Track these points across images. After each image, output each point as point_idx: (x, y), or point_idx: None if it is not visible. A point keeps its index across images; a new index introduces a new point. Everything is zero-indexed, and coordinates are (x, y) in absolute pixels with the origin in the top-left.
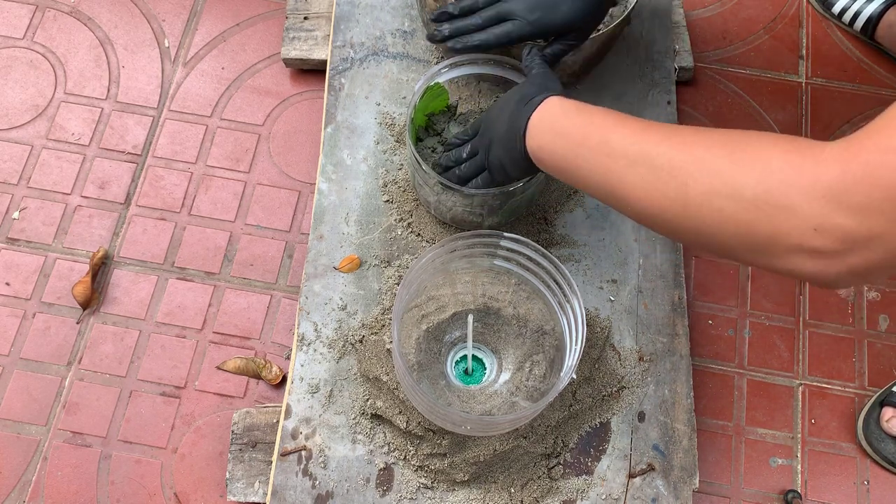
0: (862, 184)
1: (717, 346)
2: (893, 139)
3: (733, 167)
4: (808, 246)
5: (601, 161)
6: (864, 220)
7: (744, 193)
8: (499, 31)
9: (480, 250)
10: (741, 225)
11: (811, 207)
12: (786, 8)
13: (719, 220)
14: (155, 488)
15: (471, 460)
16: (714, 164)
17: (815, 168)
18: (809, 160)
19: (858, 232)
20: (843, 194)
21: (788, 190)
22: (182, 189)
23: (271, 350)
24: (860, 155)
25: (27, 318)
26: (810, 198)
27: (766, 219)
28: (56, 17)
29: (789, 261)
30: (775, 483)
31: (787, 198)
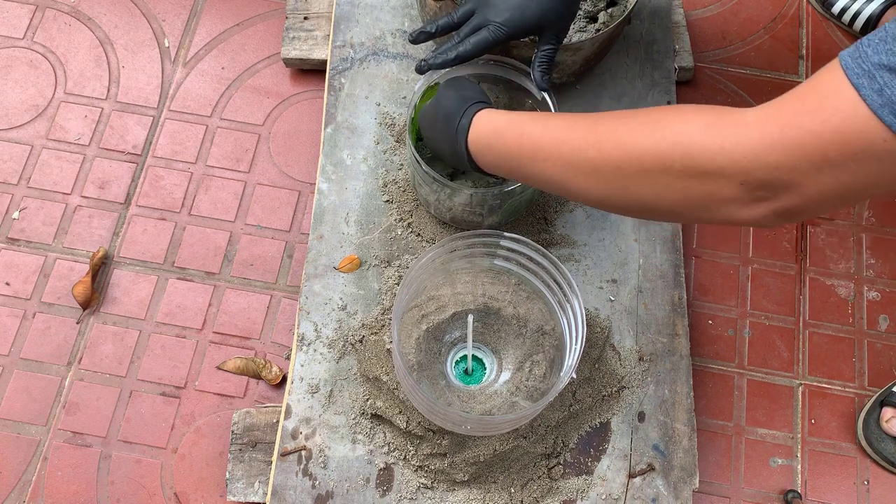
0: (778, 143)
1: (717, 346)
2: (807, 103)
3: (658, 145)
4: (738, 198)
5: (542, 167)
6: (783, 175)
7: (673, 166)
8: (475, 39)
9: (480, 250)
10: (677, 192)
11: (734, 167)
12: (786, 8)
13: (658, 192)
14: (155, 488)
15: (471, 460)
16: (639, 145)
17: (735, 132)
18: (730, 126)
19: (779, 184)
20: (762, 153)
21: (713, 156)
22: (182, 189)
23: (271, 350)
24: (777, 118)
25: (27, 318)
26: (732, 159)
27: (698, 184)
28: (56, 17)
29: (725, 212)
30: (775, 483)
31: (711, 163)
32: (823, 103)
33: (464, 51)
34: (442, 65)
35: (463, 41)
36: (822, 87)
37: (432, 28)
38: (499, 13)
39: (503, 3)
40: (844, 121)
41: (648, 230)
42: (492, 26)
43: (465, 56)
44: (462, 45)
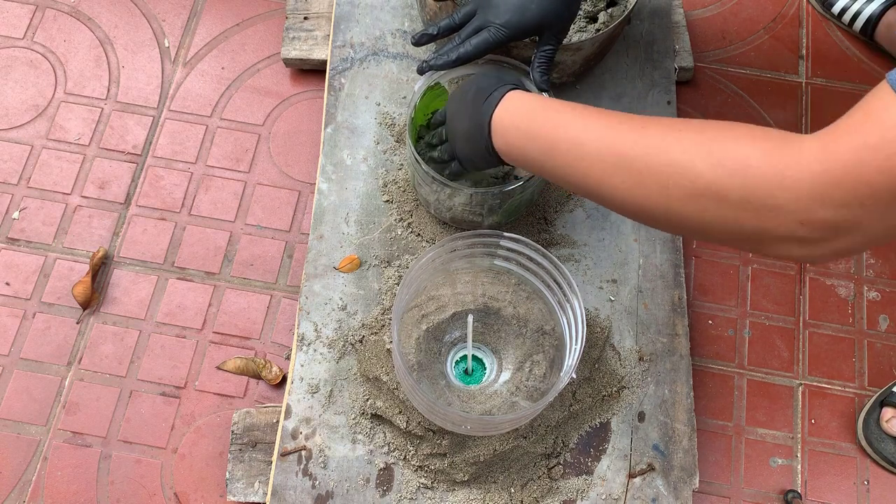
0: (842, 182)
1: (717, 346)
2: (868, 136)
3: (714, 171)
4: (795, 236)
5: (577, 164)
6: (846, 214)
7: (728, 196)
8: (476, 40)
9: (480, 250)
10: (728, 222)
11: (796, 205)
12: (786, 8)
13: (705, 219)
14: (155, 488)
15: (471, 460)
16: (694, 167)
17: (797, 167)
18: (789, 158)
19: (841, 223)
20: (825, 192)
21: (772, 190)
22: (182, 189)
23: (271, 350)
24: (839, 154)
25: (27, 318)
26: (794, 196)
27: (753, 217)
28: (56, 17)
29: (779, 249)
30: (775, 483)
31: (771, 198)
32: (886, 136)
33: (465, 52)
34: (443, 66)
35: (464, 42)
36: (880, 117)
37: (434, 30)
38: (499, 14)
39: (503, 5)
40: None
41: (648, 230)
42: (492, 28)
43: (466, 57)
44: (463, 47)
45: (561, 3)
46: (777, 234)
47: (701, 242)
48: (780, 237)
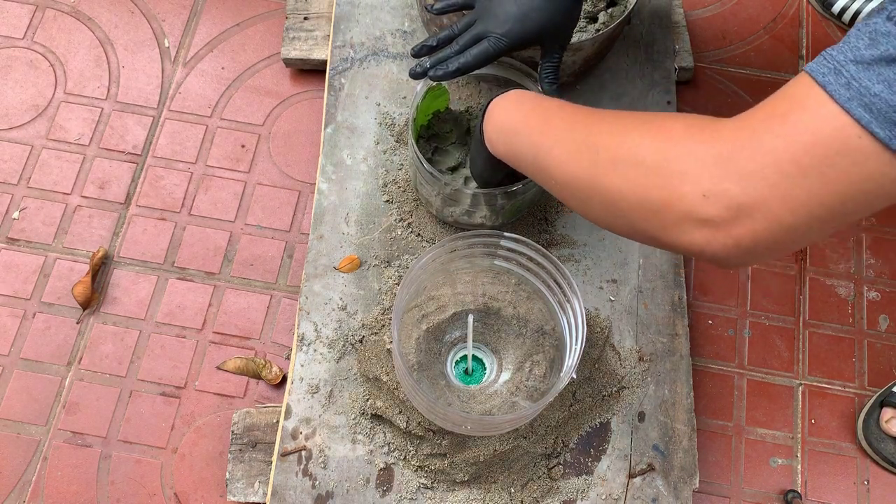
0: (747, 149)
1: (717, 346)
2: (777, 108)
3: (641, 138)
4: (697, 213)
5: (533, 141)
6: (749, 186)
7: (645, 159)
8: (476, 51)
9: (480, 250)
10: (639, 190)
11: (702, 173)
12: (786, 8)
13: (622, 185)
14: (155, 488)
15: (471, 460)
16: (625, 137)
17: (710, 138)
18: (708, 132)
19: (743, 198)
20: (731, 160)
21: (685, 157)
22: (182, 189)
23: (271, 350)
24: (750, 124)
25: (27, 318)
26: (702, 164)
27: (662, 183)
28: (56, 17)
29: (680, 231)
30: (775, 483)
31: (681, 163)
32: (793, 106)
33: (465, 63)
34: (442, 77)
35: (464, 53)
36: (790, 92)
37: (433, 42)
38: (499, 24)
39: (503, 14)
40: (814, 120)
41: None
42: (492, 38)
43: (465, 69)
44: (463, 57)
45: (561, 12)
46: (680, 208)
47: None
48: (683, 214)
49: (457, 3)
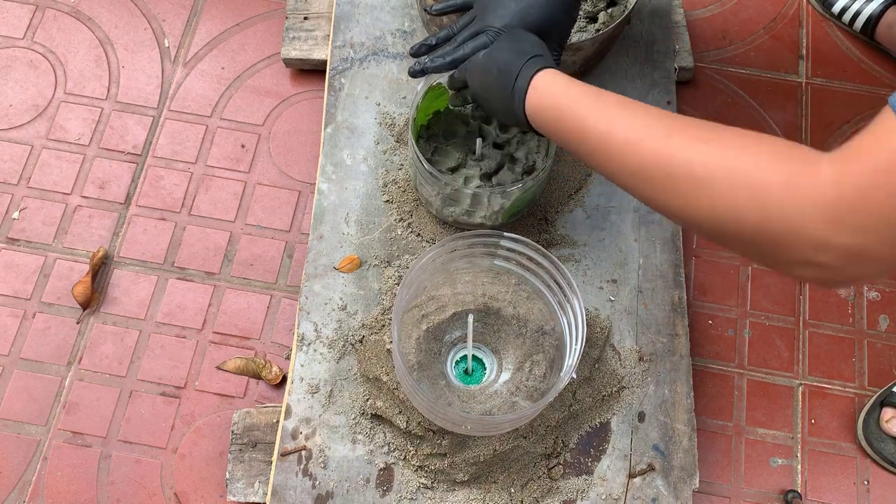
0: (857, 207)
1: (717, 346)
2: (878, 160)
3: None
4: (812, 262)
5: (604, 159)
6: (861, 240)
7: (747, 219)
8: (473, 44)
9: (480, 250)
10: (745, 242)
11: (811, 231)
12: (786, 8)
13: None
14: (155, 488)
15: (471, 460)
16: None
17: (812, 193)
18: (806, 183)
19: (856, 250)
20: (839, 217)
21: (789, 216)
22: (182, 189)
23: (271, 350)
24: (852, 177)
25: (27, 318)
26: (810, 222)
27: (769, 241)
28: (56, 17)
29: (795, 271)
30: (775, 483)
31: (787, 223)
32: (892, 159)
33: (462, 55)
34: (438, 69)
35: (461, 45)
36: (887, 140)
37: (432, 40)
38: (498, 19)
39: (502, 10)
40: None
41: (648, 230)
42: (491, 32)
43: (461, 61)
44: (460, 50)
45: (561, 9)
46: (793, 258)
47: (701, 242)
48: (796, 261)
49: (456, 4)
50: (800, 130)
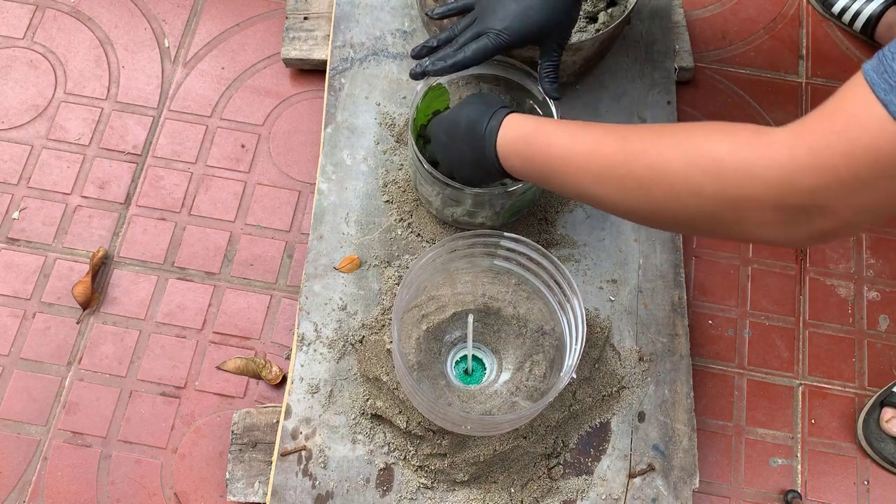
0: (809, 167)
1: (717, 346)
2: (835, 122)
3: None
4: (771, 221)
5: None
6: (816, 199)
7: (703, 191)
8: (475, 46)
9: (480, 250)
10: (707, 215)
11: (766, 193)
12: (786, 8)
13: (689, 214)
14: (155, 488)
15: (471, 460)
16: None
17: (766, 157)
18: (759, 149)
19: (811, 208)
20: (793, 178)
21: (744, 181)
22: (182, 189)
23: (271, 350)
24: (806, 139)
25: (27, 318)
26: (764, 185)
27: (729, 208)
28: (56, 17)
29: (758, 233)
30: (775, 483)
31: (743, 188)
32: (851, 122)
33: (463, 58)
34: (440, 72)
35: (462, 48)
36: (848, 105)
37: (434, 42)
38: (499, 21)
39: (503, 11)
40: (874, 139)
41: (648, 231)
42: (492, 33)
43: (463, 64)
44: (462, 52)
45: (562, 10)
46: (753, 220)
47: (701, 242)
48: (757, 223)
49: (456, 7)
50: None
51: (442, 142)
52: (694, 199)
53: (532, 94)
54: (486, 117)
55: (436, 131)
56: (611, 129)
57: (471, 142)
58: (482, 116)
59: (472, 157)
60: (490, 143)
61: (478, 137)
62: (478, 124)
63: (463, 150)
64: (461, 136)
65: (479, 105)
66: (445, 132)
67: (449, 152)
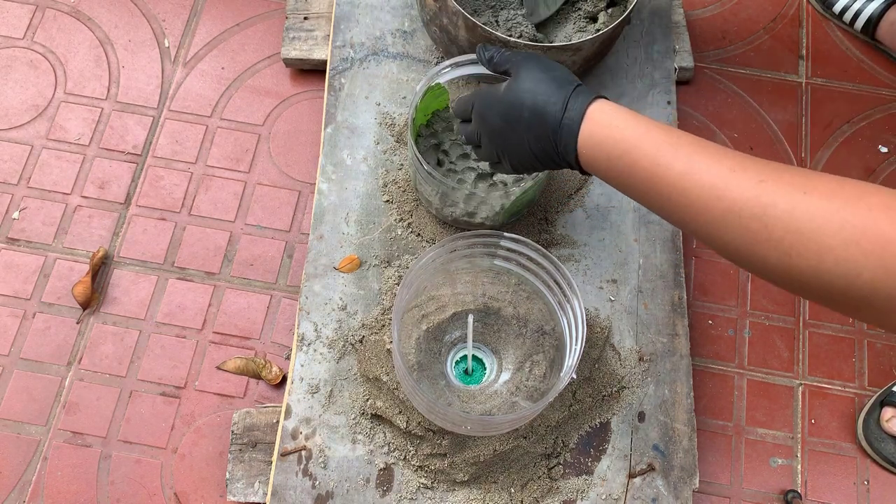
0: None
1: (717, 346)
2: None
3: (847, 248)
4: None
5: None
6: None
7: (861, 276)
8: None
9: (480, 250)
10: (854, 299)
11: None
12: (786, 8)
13: (831, 292)
14: (155, 488)
15: (471, 460)
16: (822, 240)
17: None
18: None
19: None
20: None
21: (887, 298)
22: (182, 189)
23: (271, 350)
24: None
25: (27, 318)
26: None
27: (885, 298)
28: (56, 17)
29: (879, 324)
30: (775, 483)
31: (886, 302)
32: None
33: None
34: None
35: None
36: None
37: None
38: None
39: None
40: None
41: (648, 230)
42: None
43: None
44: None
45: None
46: (880, 321)
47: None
48: (884, 324)
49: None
50: (800, 130)
51: (494, 127)
52: (843, 281)
53: None
54: (562, 102)
55: (484, 113)
56: (740, 163)
57: (538, 131)
58: (555, 100)
59: (538, 148)
60: (569, 139)
61: (550, 128)
62: (550, 111)
63: (524, 140)
64: (524, 124)
65: (548, 83)
66: (501, 115)
67: (504, 139)
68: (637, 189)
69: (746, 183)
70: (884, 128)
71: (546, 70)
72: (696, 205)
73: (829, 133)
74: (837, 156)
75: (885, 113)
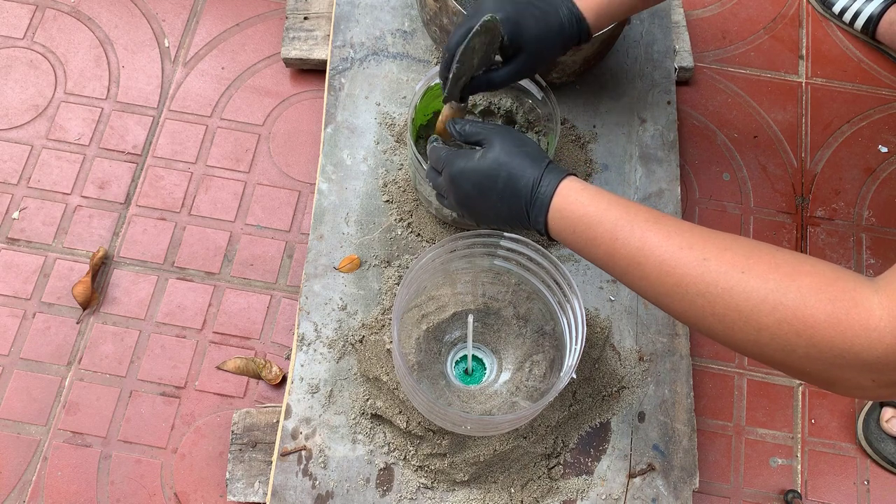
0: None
1: (717, 345)
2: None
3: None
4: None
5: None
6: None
7: (795, 351)
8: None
9: (480, 250)
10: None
11: (864, 371)
12: (786, 8)
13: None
14: (155, 488)
15: (471, 460)
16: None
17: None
18: (857, 325)
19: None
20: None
21: (841, 353)
22: (182, 189)
23: (271, 350)
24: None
25: (27, 318)
26: (863, 365)
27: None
28: (56, 17)
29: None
30: (775, 483)
31: (839, 359)
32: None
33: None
34: None
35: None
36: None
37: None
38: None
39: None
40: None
41: None
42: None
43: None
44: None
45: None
46: (846, 386)
47: None
48: (849, 388)
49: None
50: (800, 130)
51: (466, 192)
52: (781, 354)
53: (532, 94)
54: (533, 179)
55: (456, 178)
56: (688, 240)
57: (511, 201)
58: (527, 176)
59: (509, 215)
60: (540, 212)
61: (521, 201)
62: (522, 186)
63: (497, 208)
64: (497, 194)
65: (522, 157)
66: (474, 184)
67: (473, 204)
68: (599, 260)
69: (693, 262)
70: (884, 128)
71: (520, 145)
72: (650, 278)
73: (829, 133)
74: (837, 156)
75: (885, 113)
